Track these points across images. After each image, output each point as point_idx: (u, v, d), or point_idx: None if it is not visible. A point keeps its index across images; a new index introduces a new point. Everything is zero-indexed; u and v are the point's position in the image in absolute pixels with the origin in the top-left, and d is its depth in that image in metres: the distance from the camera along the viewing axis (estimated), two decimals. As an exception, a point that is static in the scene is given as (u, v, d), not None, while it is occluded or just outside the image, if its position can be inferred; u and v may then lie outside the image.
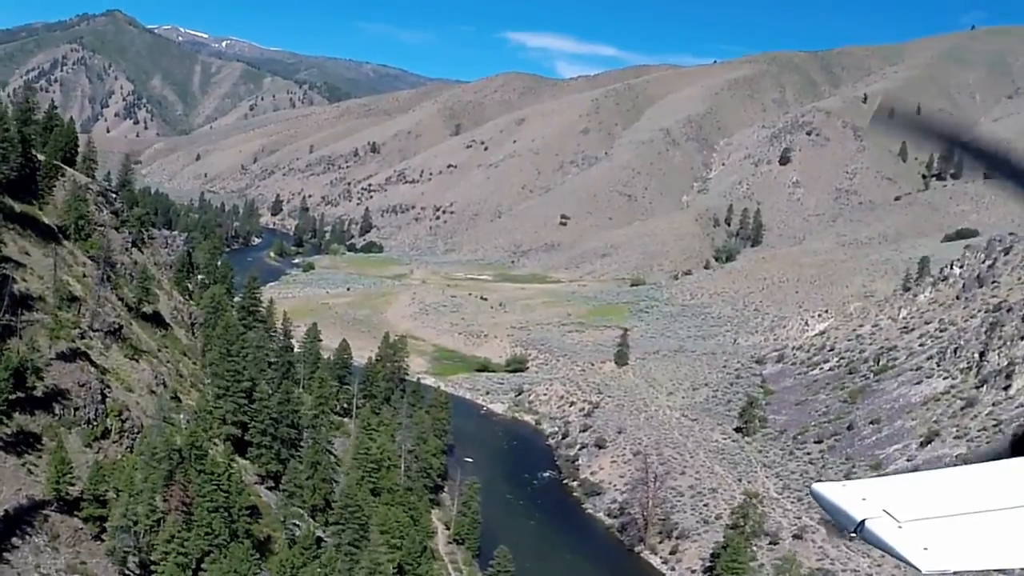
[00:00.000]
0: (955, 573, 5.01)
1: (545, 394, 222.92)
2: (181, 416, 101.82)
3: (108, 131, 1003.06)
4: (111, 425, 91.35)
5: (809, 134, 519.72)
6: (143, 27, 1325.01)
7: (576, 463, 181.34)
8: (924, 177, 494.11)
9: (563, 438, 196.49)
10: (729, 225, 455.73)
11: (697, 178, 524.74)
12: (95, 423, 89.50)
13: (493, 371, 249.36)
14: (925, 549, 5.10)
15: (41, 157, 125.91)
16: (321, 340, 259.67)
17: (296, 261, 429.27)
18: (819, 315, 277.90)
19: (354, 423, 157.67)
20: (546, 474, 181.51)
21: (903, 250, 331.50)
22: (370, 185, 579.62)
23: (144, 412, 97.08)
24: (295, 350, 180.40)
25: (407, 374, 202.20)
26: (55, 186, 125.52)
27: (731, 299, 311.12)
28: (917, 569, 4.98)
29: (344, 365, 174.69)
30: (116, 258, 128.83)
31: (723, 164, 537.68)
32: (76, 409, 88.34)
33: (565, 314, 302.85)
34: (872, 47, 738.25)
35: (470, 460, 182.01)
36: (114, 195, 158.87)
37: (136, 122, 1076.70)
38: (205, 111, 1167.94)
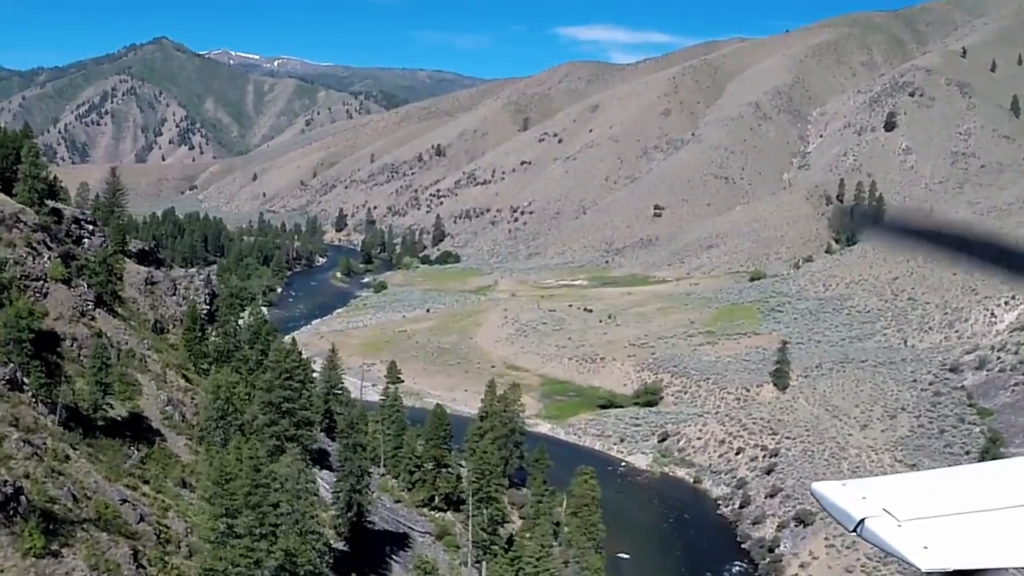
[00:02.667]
0: (955, 572, 4.96)
1: (699, 438, 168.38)
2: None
3: (163, 159, 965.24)
4: None
5: (912, 95, 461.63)
6: (192, 52, 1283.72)
7: (775, 551, 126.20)
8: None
9: (741, 506, 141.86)
10: (842, 202, 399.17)
11: (795, 153, 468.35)
12: None
13: (620, 406, 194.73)
14: (925, 548, 5.04)
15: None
16: (401, 380, 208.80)
17: (366, 280, 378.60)
18: (1004, 303, 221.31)
19: (468, 531, 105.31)
20: (735, 569, 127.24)
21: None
22: (439, 191, 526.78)
23: None
24: (364, 394, 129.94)
25: (524, 431, 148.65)
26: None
27: (874, 288, 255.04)
28: (917, 568, 4.93)
29: (443, 440, 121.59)
30: (63, 330, 76.92)
31: (821, 136, 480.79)
32: None
33: (687, 322, 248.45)
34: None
35: (625, 556, 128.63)
36: (90, 227, 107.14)
37: (191, 147, 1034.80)
38: (261, 130, 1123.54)
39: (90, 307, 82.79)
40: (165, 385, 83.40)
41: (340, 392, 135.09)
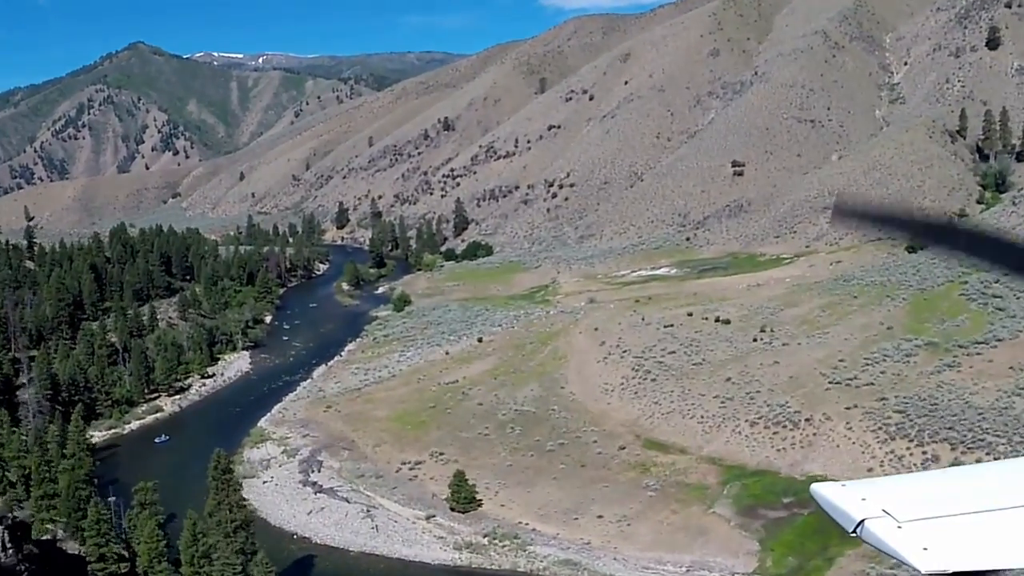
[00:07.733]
0: (955, 573, 4.89)
1: None
2: None
3: (147, 167, 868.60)
4: None
5: (1009, 6, 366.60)
6: (169, 54, 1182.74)
7: None
8: None
9: None
10: (965, 138, 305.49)
11: (881, 85, 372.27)
12: None
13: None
14: (925, 549, 4.97)
15: None
16: (478, 503, 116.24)
17: (380, 290, 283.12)
18: None
19: None
20: None
21: None
22: (452, 170, 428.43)
23: None
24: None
25: None
26: None
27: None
28: (916, 569, 4.86)
29: None
30: None
31: (906, 63, 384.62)
32: None
33: (880, 327, 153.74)
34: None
35: None
36: None
37: (176, 152, 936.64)
38: (249, 128, 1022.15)
39: None
40: None
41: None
